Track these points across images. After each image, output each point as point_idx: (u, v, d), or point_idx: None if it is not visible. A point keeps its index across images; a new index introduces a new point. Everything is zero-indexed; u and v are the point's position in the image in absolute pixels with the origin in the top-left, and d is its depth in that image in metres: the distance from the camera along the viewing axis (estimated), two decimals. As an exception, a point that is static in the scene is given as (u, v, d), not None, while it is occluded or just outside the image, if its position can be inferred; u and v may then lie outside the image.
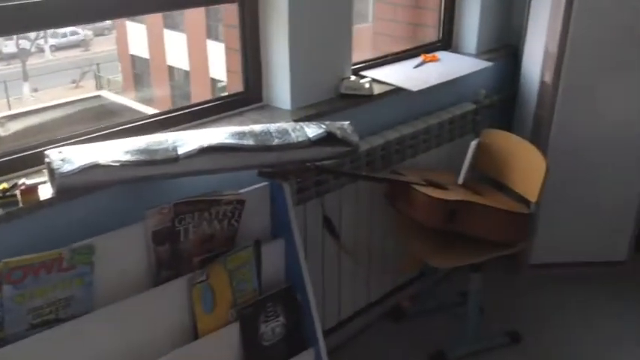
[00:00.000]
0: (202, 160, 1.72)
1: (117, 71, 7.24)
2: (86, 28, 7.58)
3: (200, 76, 6.04)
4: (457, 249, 2.28)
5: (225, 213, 1.84)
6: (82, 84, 7.42)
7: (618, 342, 2.63)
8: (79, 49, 7.84)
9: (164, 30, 6.26)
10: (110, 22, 6.88)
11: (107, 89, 7.48)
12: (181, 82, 6.55)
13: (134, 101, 6.69)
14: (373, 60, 2.73)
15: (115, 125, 1.98)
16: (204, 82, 5.89)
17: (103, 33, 7.64)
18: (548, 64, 2.70)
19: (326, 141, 1.90)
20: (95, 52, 7.72)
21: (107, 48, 7.49)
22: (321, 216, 2.22)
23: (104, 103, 5.54)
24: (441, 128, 2.67)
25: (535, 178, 2.27)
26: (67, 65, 7.61)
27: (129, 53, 6.77)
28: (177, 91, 6.49)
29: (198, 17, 5.71)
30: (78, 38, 7.75)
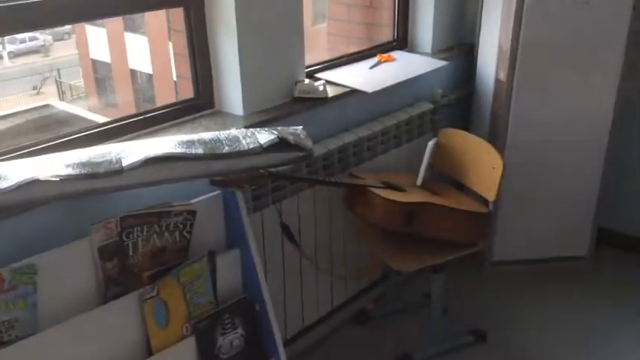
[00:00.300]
0: (148, 171, 1.65)
1: (78, 76, 7.10)
2: (45, 33, 7.42)
3: (164, 79, 5.94)
4: (417, 251, 2.26)
5: (176, 224, 1.78)
6: (44, 90, 7.26)
7: (581, 337, 2.64)
8: (38, 54, 7.68)
9: (125, 33, 6.14)
10: (70, 26, 6.74)
11: (69, 95, 7.32)
12: (145, 86, 6.45)
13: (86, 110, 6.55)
14: (328, 62, 2.69)
15: (61, 137, 1.91)
16: (168, 85, 5.78)
17: (63, 38, 7.48)
18: (502, 61, 2.70)
19: (278, 147, 1.86)
20: (55, 58, 7.56)
21: (67, 53, 7.34)
22: (278, 222, 2.18)
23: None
24: (398, 129, 2.65)
25: (492, 177, 2.27)
26: (27, 72, 7.44)
27: (90, 58, 6.62)
28: (141, 95, 6.37)
29: (159, 20, 5.61)
30: (37, 44, 7.58)
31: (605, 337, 2.63)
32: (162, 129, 2.10)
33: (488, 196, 2.30)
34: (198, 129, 2.09)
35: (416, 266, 2.22)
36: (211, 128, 2.09)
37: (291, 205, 2.27)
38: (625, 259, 3.13)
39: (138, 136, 2.03)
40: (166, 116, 2.13)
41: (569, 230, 2.98)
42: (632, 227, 3.13)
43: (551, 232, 2.97)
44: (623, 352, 2.54)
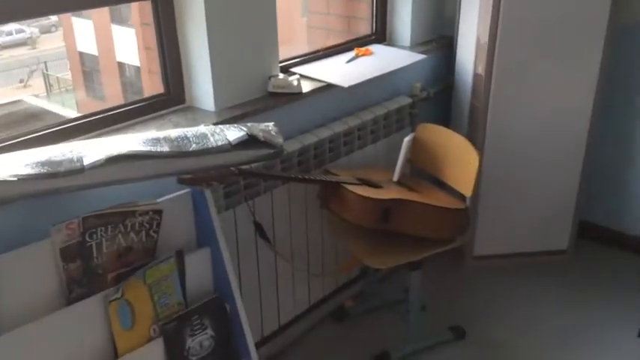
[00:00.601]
0: (111, 170, 1.61)
1: (66, 69, 7.04)
2: (32, 26, 7.34)
3: (154, 64, 5.86)
4: (394, 248, 2.23)
5: (142, 224, 1.74)
6: (31, 83, 7.20)
7: (562, 332, 2.62)
8: (25, 47, 7.61)
9: (112, 25, 6.06)
10: (56, 19, 6.66)
11: (56, 87, 7.24)
12: (133, 79, 6.37)
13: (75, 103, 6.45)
14: (304, 56, 2.65)
15: (26, 134, 1.86)
16: (156, 78, 5.72)
17: (50, 30, 7.42)
18: (480, 54, 2.67)
19: (248, 144, 1.82)
20: (42, 50, 7.49)
21: (54, 45, 7.27)
22: (251, 220, 2.14)
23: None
24: (376, 124, 2.61)
25: (469, 173, 2.23)
26: (14, 64, 7.36)
27: (77, 50, 6.55)
28: (129, 88, 6.29)
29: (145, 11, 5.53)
30: (24, 36, 7.51)
31: (586, 331, 2.61)
32: (131, 125, 2.05)
33: (465, 192, 2.26)
34: (166, 125, 2.04)
35: (392, 264, 2.19)
36: (181, 125, 2.05)
37: (265, 202, 2.23)
38: (605, 252, 3.11)
39: (105, 133, 1.98)
40: (135, 112, 2.08)
41: (550, 224, 2.96)
42: (612, 220, 3.11)
43: (532, 226, 2.95)
44: (604, 346, 2.53)
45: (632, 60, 2.82)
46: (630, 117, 2.92)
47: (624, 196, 3.05)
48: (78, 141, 1.83)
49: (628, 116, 2.93)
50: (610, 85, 2.79)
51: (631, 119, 2.92)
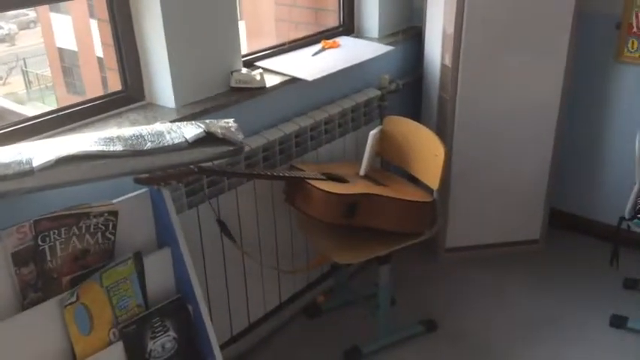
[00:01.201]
0: (63, 171, 1.56)
1: (46, 65, 6.93)
2: (10, 22, 7.21)
3: (112, 57, 5.77)
4: (361, 243, 2.21)
5: (97, 226, 1.70)
6: (10, 80, 7.07)
7: (534, 321, 2.62)
8: (4, 44, 7.47)
9: (90, 20, 5.95)
10: (35, 15, 6.54)
11: (36, 84, 7.13)
12: None
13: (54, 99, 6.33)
14: (269, 49, 2.60)
15: (-23, 135, 1.81)
16: (115, 74, 5.63)
17: (29, 26, 7.28)
18: (446, 45, 2.64)
19: (206, 141, 1.78)
20: (21, 47, 7.36)
21: (33, 42, 7.15)
22: (216, 220, 2.11)
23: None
24: (343, 117, 2.58)
25: (436, 165, 2.21)
26: (-7, 61, 7.23)
27: (56, 46, 6.43)
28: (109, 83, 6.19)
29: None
30: (2, 33, 7.37)
31: (558, 321, 2.61)
32: (89, 124, 2.00)
33: (432, 185, 2.24)
34: (124, 123, 2.00)
35: (360, 259, 2.17)
36: (139, 122, 2.00)
37: (230, 199, 2.19)
38: (577, 240, 3.11)
39: (61, 132, 1.93)
40: (93, 110, 2.03)
41: (522, 214, 2.96)
42: (583, 208, 3.12)
43: (503, 217, 2.94)
44: (577, 336, 2.53)
45: (598, 48, 2.82)
46: (598, 106, 2.92)
47: (594, 183, 3.05)
48: (30, 142, 1.78)
49: (596, 105, 2.93)
50: (577, 74, 2.78)
51: (598, 108, 2.92)
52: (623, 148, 2.88)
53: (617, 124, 2.89)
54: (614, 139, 2.92)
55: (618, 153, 2.93)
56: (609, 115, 2.90)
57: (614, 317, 2.55)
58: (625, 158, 2.82)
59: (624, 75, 2.79)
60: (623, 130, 2.87)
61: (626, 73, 2.78)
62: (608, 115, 2.90)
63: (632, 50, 2.71)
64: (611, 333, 2.53)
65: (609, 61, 2.80)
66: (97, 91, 5.99)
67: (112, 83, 2.26)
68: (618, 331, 2.53)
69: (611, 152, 2.95)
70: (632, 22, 2.67)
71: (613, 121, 2.90)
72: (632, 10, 2.66)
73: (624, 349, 2.44)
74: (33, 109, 6.42)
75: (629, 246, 2.72)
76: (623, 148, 2.87)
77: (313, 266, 2.49)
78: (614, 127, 2.90)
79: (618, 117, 2.88)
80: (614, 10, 2.70)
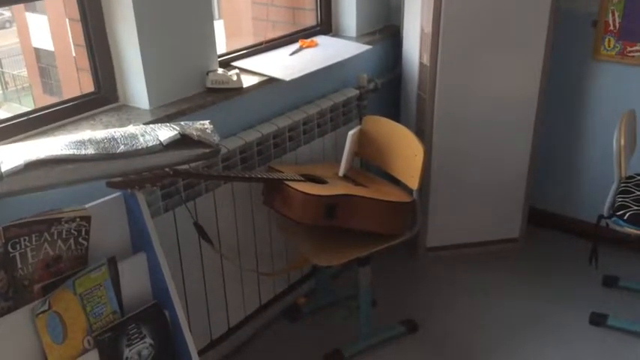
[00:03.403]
0: (33, 176, 1.52)
1: (22, 66, 6.78)
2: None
3: (84, 58, 5.66)
4: (341, 244, 2.18)
5: (70, 231, 1.65)
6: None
7: (514, 320, 2.62)
8: (-22, 44, 7.31)
9: (67, 20, 5.84)
10: (10, 14, 6.40)
11: (12, 85, 6.97)
12: None
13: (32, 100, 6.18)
14: (246, 49, 2.57)
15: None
16: (86, 74, 5.52)
17: (4, 26, 7.13)
18: (424, 44, 2.63)
19: (181, 143, 1.74)
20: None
21: (9, 42, 7.00)
22: (193, 223, 2.07)
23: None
24: (322, 117, 2.55)
25: (415, 165, 2.20)
26: (-33, 62, 7.06)
27: (32, 46, 6.29)
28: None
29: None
30: (-24, 33, 7.21)
31: (539, 320, 2.61)
32: (60, 127, 1.95)
33: (411, 185, 2.23)
34: (97, 126, 1.95)
35: (339, 261, 2.14)
36: (112, 124, 1.96)
37: (207, 202, 2.15)
38: (556, 238, 3.12)
39: (32, 136, 1.88)
40: (64, 113, 1.98)
41: (502, 212, 2.96)
42: (561, 206, 3.13)
43: (483, 216, 2.94)
44: (557, 334, 2.53)
45: (574, 47, 2.82)
46: (576, 104, 2.93)
47: (573, 181, 3.07)
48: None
49: (574, 103, 2.94)
50: (555, 73, 2.79)
51: (576, 106, 2.94)
52: (601, 145, 2.90)
53: (595, 122, 2.91)
54: (593, 137, 2.94)
55: (597, 151, 2.94)
56: (587, 113, 2.92)
57: (593, 315, 2.56)
58: (603, 156, 2.84)
59: (601, 73, 2.80)
60: (601, 129, 2.89)
61: (603, 71, 2.79)
62: (586, 113, 2.92)
63: (609, 48, 2.73)
64: (592, 331, 2.54)
65: (586, 60, 2.81)
66: (74, 92, 5.90)
67: (85, 84, 2.21)
68: (599, 329, 2.54)
69: (590, 150, 2.97)
70: (608, 20, 2.68)
71: (591, 119, 2.91)
72: (608, 8, 2.67)
73: (605, 347, 2.45)
74: (9, 111, 6.29)
75: (608, 244, 2.74)
76: (602, 146, 2.88)
77: (293, 268, 2.47)
78: (593, 125, 2.92)
79: (596, 115, 2.89)
80: (591, 9, 2.72)
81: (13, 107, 6.55)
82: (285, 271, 2.48)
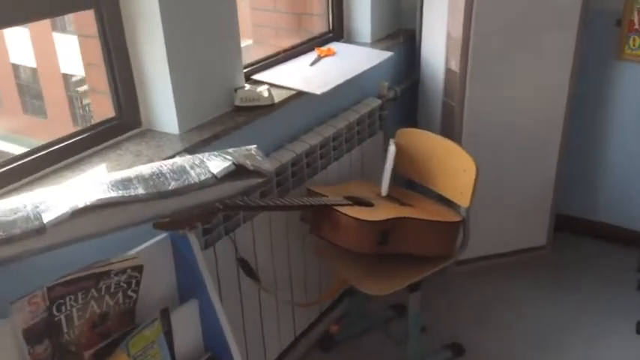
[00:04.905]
0: (78, 225, 1.30)
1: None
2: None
3: (101, 83, 5.19)
4: (390, 270, 2.02)
5: (119, 284, 1.43)
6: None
7: (556, 334, 2.51)
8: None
9: (53, 33, 5.38)
10: None
11: None
12: (81, 92, 5.71)
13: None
14: (263, 60, 2.37)
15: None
16: (103, 98, 5.05)
17: None
18: (452, 50, 2.49)
19: (233, 174, 1.54)
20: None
21: None
22: (234, 256, 1.87)
23: None
24: (350, 131, 2.38)
25: (464, 181, 2.05)
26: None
27: (9, 62, 5.79)
28: (77, 102, 5.59)
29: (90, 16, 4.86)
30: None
31: (584, 331, 2.51)
32: (84, 159, 1.72)
33: (461, 202, 2.08)
34: (126, 156, 1.73)
35: (392, 289, 1.97)
36: (143, 154, 1.73)
37: (246, 233, 1.95)
38: (582, 244, 3.03)
39: (52, 173, 1.64)
40: (85, 143, 1.74)
41: (528, 220, 2.85)
42: (587, 211, 3.05)
43: (509, 225, 2.82)
44: (606, 345, 2.43)
45: (598, 47, 2.74)
46: (600, 105, 2.85)
47: (598, 185, 2.98)
48: (26, 191, 1.50)
49: (598, 105, 2.85)
50: (579, 74, 2.69)
51: (601, 108, 2.85)
52: (627, 147, 2.82)
53: (619, 123, 2.83)
54: (618, 139, 2.86)
55: (622, 153, 2.86)
56: (611, 114, 2.84)
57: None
58: (630, 158, 2.77)
59: (626, 73, 2.72)
60: (626, 130, 2.81)
61: (628, 71, 2.71)
62: (611, 113, 2.84)
63: (634, 47, 2.65)
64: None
65: (610, 60, 2.73)
66: (63, 111, 5.49)
67: (98, 108, 1.98)
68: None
69: (615, 152, 2.88)
70: (633, 18, 2.60)
71: (615, 119, 2.83)
72: (633, 7, 2.59)
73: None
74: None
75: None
76: (628, 148, 2.81)
77: (330, 296, 2.28)
78: (617, 125, 2.84)
79: (621, 115, 2.81)
80: (615, 7, 2.63)
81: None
82: (323, 299, 2.30)
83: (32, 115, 5.34)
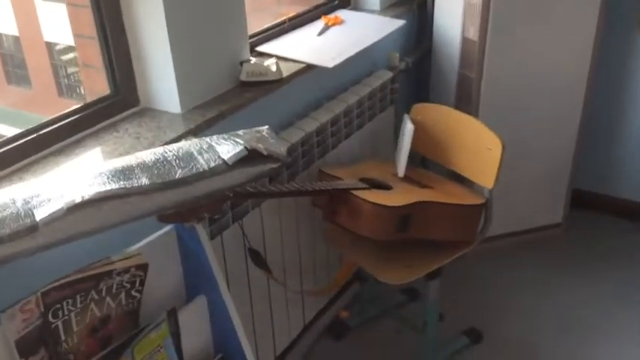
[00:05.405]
0: (75, 221, 1.14)
1: None
2: None
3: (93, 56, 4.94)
4: (407, 256, 1.88)
5: (121, 284, 1.29)
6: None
7: (580, 318, 2.40)
8: None
9: (36, 1, 5.12)
10: None
11: None
12: (65, 61, 5.47)
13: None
14: (268, 30, 2.19)
15: None
16: (95, 72, 4.80)
17: None
18: (470, 16, 2.32)
19: (245, 159, 1.39)
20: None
21: None
22: (242, 246, 1.73)
23: None
24: (361, 106, 2.22)
25: (488, 160, 1.91)
26: None
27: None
28: (62, 72, 5.36)
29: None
30: None
31: (610, 317, 2.40)
32: (76, 143, 1.55)
33: (485, 183, 1.94)
34: (124, 139, 1.56)
35: (412, 277, 1.84)
36: (143, 136, 1.57)
37: (254, 220, 1.81)
38: (598, 220, 2.91)
39: (43, 158, 1.48)
40: (78, 124, 1.58)
41: (545, 197, 2.72)
42: (604, 186, 2.92)
43: (526, 202, 2.69)
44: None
45: (619, 19, 2.57)
46: (619, 79, 2.70)
47: (616, 159, 2.85)
48: (16, 181, 1.34)
49: (617, 78, 2.70)
50: (606, 45, 2.53)
51: (620, 81, 2.71)
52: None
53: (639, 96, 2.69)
54: (637, 113, 2.72)
55: (639, 125, 2.74)
56: (631, 88, 2.69)
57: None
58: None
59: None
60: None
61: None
62: (630, 87, 2.69)
63: (659, 17, 2.49)
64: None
65: (634, 31, 2.57)
66: (48, 80, 5.23)
67: (91, 84, 1.81)
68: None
69: (633, 126, 2.75)
70: (658, -15, 2.45)
71: (636, 93, 2.68)
72: (659, -28, 2.43)
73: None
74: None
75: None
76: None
77: (340, 282, 2.15)
78: (637, 98, 2.69)
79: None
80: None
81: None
82: (335, 286, 2.16)
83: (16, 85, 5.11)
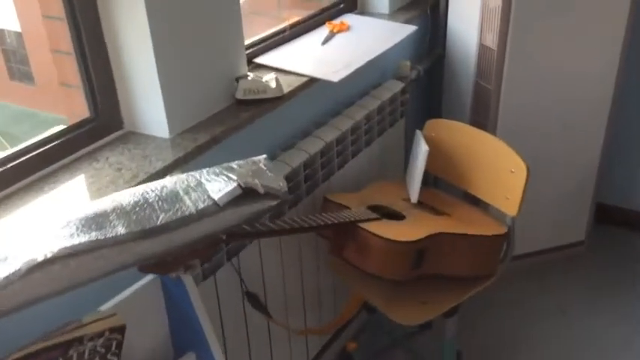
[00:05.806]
0: (37, 282, 0.97)
1: None
2: None
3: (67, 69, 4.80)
4: (421, 292, 1.70)
5: (94, 350, 1.11)
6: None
7: (612, 345, 2.23)
8: None
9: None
10: None
11: None
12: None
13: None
14: (268, 39, 2.00)
15: None
16: (75, 92, 4.67)
17: None
18: (488, 22, 2.12)
19: (240, 197, 1.21)
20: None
21: None
22: (237, 286, 1.55)
23: None
24: (369, 121, 2.03)
25: (511, 185, 1.72)
26: None
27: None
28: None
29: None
30: None
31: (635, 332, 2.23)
32: (49, 176, 1.37)
33: (507, 210, 1.75)
34: (104, 171, 1.38)
35: (427, 317, 1.66)
36: (126, 167, 1.39)
37: (252, 255, 1.62)
38: (622, 236, 2.73)
39: (10, 196, 1.30)
40: (54, 153, 1.40)
41: (567, 213, 2.54)
42: (626, 200, 2.73)
43: (548, 219, 2.50)
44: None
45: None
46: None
47: (637, 171, 2.66)
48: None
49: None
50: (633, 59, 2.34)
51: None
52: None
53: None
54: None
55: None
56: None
57: None
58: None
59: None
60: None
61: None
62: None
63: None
64: None
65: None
66: (51, 78, 5.06)
67: (71, 105, 1.63)
68: None
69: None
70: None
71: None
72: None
73: None
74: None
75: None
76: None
77: (347, 316, 1.97)
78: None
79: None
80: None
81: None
82: (340, 321, 1.98)
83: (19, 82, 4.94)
